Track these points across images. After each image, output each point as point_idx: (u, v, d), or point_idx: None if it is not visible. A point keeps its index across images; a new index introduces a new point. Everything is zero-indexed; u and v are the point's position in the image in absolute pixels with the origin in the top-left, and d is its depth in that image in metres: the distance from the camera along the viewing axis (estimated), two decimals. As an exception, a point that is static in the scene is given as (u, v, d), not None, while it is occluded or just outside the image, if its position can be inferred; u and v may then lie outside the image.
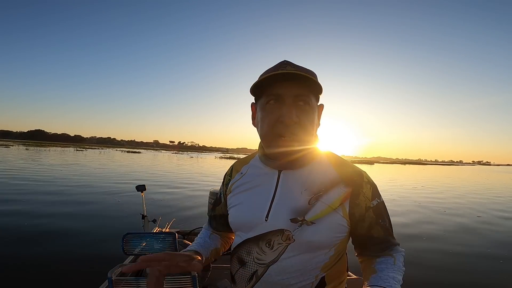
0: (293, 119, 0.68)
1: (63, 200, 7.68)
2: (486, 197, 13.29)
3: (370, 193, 0.74)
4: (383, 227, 0.75)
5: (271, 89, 0.71)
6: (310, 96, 0.71)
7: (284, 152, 0.73)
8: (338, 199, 0.71)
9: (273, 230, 0.72)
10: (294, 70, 0.69)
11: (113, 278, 1.65)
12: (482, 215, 8.79)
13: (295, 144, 0.71)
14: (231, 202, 0.84)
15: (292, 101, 0.70)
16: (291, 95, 0.69)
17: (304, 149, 0.73)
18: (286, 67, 0.70)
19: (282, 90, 0.70)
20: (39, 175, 12.88)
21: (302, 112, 0.70)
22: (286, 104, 0.69)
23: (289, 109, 0.69)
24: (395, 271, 0.71)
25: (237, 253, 0.78)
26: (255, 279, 0.74)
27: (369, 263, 0.77)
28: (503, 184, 22.85)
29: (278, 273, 0.71)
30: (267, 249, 0.72)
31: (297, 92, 0.69)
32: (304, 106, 0.70)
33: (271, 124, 0.71)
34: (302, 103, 0.70)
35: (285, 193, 0.74)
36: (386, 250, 0.76)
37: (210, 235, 0.94)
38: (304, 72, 0.70)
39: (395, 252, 0.77)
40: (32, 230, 5.02)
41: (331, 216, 0.71)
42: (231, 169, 0.91)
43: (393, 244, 0.77)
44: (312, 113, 0.72)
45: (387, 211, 0.79)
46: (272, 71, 0.71)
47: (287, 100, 0.69)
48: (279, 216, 0.72)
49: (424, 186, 17.94)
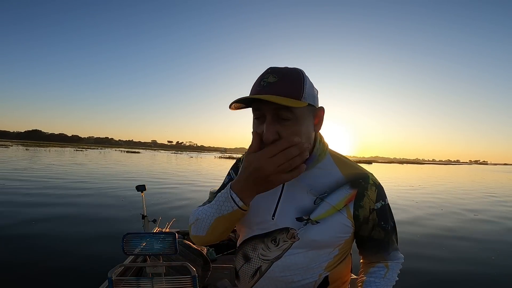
0: (270, 137, 0.67)
1: (63, 200, 7.67)
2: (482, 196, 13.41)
3: (375, 195, 0.75)
4: (385, 229, 0.77)
5: (254, 104, 0.71)
6: (290, 109, 0.68)
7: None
8: (342, 200, 0.73)
9: (279, 228, 0.73)
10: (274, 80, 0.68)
11: (113, 278, 1.65)
12: (478, 213, 8.89)
13: None
14: None
15: (272, 116, 0.68)
16: (270, 111, 0.68)
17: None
18: (269, 77, 0.69)
19: (262, 106, 0.69)
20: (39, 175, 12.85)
21: (283, 127, 0.68)
22: (266, 121, 0.69)
23: (267, 127, 0.68)
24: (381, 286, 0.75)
25: (243, 249, 0.80)
26: (258, 275, 0.75)
27: (363, 270, 0.81)
28: (499, 183, 22.98)
29: (281, 269, 0.72)
30: (273, 246, 0.73)
31: (276, 108, 0.68)
32: (285, 122, 0.68)
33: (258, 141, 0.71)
34: (284, 118, 0.68)
35: (291, 193, 0.75)
36: (383, 253, 0.78)
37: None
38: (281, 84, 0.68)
39: (392, 258, 0.79)
40: (32, 230, 5.01)
41: (336, 217, 0.72)
42: (236, 165, 0.90)
43: (391, 248, 0.78)
44: (297, 125, 0.69)
45: (391, 214, 0.79)
46: (257, 82, 0.71)
47: (267, 116, 0.69)
48: (285, 215, 0.74)
49: (421, 185, 18.06)
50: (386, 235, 0.77)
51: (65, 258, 3.89)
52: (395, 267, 0.79)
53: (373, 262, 0.80)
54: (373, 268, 0.78)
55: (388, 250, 0.78)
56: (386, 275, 0.77)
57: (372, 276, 0.78)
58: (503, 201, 12.01)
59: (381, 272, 0.77)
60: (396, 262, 0.79)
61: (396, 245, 0.80)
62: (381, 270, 0.77)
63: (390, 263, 0.78)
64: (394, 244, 0.79)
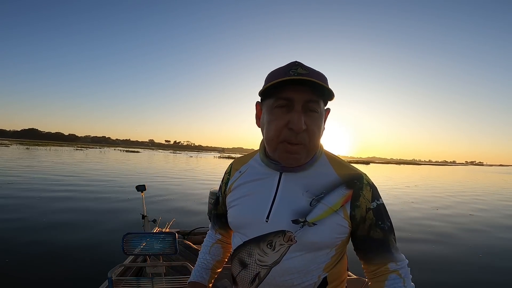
0: (302, 127, 0.67)
1: (63, 200, 7.64)
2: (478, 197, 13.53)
3: (370, 194, 0.74)
4: (383, 229, 0.75)
5: (280, 92, 0.69)
6: (320, 103, 0.70)
7: (290, 158, 0.72)
8: (339, 201, 0.72)
9: (274, 231, 0.71)
10: (306, 72, 0.68)
11: (113, 278, 1.65)
12: (473, 213, 8.98)
13: (302, 151, 0.70)
14: (230, 202, 0.83)
15: (302, 107, 0.68)
16: (302, 100, 0.68)
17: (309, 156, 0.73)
18: (298, 69, 0.68)
19: (292, 94, 0.68)
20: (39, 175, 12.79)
21: (311, 119, 0.69)
22: (295, 110, 0.68)
23: (298, 116, 0.67)
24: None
25: (238, 255, 0.78)
26: (257, 281, 0.73)
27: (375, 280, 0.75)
28: (495, 185, 23.18)
29: (281, 274, 0.71)
30: (269, 250, 0.71)
31: (308, 98, 0.68)
32: (313, 113, 0.69)
33: (279, 129, 0.69)
34: (312, 110, 0.69)
35: (286, 194, 0.74)
36: (386, 253, 0.74)
37: (211, 248, 0.95)
38: (316, 77, 0.68)
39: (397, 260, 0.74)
40: (31, 231, 4.99)
41: (332, 218, 0.71)
42: (230, 167, 0.90)
43: (393, 249, 0.75)
44: (320, 119, 0.71)
45: (387, 213, 0.78)
46: (283, 71, 0.70)
47: (296, 106, 0.68)
48: (280, 217, 0.72)
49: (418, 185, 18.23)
50: (385, 235, 0.74)
51: (65, 258, 3.88)
52: (407, 273, 0.74)
53: (378, 264, 0.75)
54: (388, 281, 0.73)
55: (391, 250, 0.75)
56: (405, 284, 0.72)
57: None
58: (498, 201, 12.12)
59: (399, 285, 0.72)
60: (404, 267, 0.75)
61: (396, 245, 0.77)
62: (397, 282, 0.72)
63: (401, 271, 0.74)
64: (394, 244, 0.76)
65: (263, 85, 0.73)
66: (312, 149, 0.72)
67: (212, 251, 0.95)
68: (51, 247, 4.26)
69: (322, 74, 0.71)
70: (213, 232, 0.98)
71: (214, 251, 0.95)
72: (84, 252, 4.13)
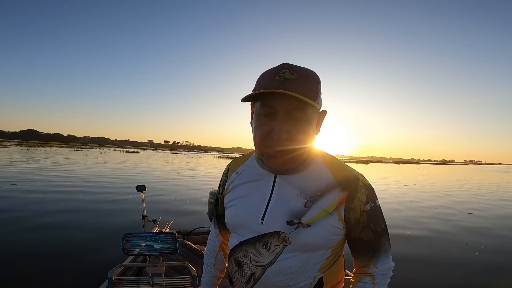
0: (283, 136, 0.67)
1: (63, 200, 7.64)
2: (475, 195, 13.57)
3: (364, 197, 0.73)
4: (374, 231, 0.74)
5: (266, 99, 0.68)
6: (304, 110, 0.67)
7: (275, 164, 0.73)
8: (333, 203, 0.71)
9: (270, 232, 0.72)
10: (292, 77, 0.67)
11: (113, 278, 1.65)
12: (473, 212, 9.02)
13: (285, 156, 0.71)
14: (227, 203, 0.83)
15: (285, 115, 0.68)
16: (285, 109, 0.67)
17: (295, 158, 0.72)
18: (285, 73, 0.67)
19: (275, 102, 0.67)
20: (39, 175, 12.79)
21: (295, 127, 0.68)
22: (278, 119, 0.68)
23: (280, 125, 0.67)
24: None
25: (234, 255, 0.78)
26: (253, 281, 0.74)
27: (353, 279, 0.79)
28: (493, 183, 23.25)
29: (276, 274, 0.71)
30: (264, 250, 0.72)
31: (291, 107, 0.67)
32: (296, 122, 0.68)
33: (263, 137, 0.70)
34: (296, 118, 0.68)
35: (281, 196, 0.74)
36: (371, 256, 0.75)
37: (216, 258, 0.96)
38: (302, 82, 0.67)
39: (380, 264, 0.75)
40: (31, 231, 4.98)
41: (327, 219, 0.71)
42: (227, 168, 0.90)
43: (382, 252, 0.75)
44: (307, 126, 0.70)
45: (382, 215, 0.77)
46: (270, 76, 0.69)
47: (279, 114, 0.67)
48: (274, 219, 0.72)
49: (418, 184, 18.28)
50: (375, 237, 0.74)
51: (65, 258, 3.88)
52: (383, 281, 0.75)
53: (361, 264, 0.78)
54: (359, 283, 0.76)
55: (378, 254, 0.75)
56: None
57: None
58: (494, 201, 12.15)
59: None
60: (384, 275, 0.75)
61: (388, 249, 0.76)
62: (367, 286, 0.74)
63: (378, 276, 0.75)
64: (385, 247, 0.75)
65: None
66: (299, 155, 0.72)
67: (217, 261, 0.96)
68: (51, 247, 4.26)
69: (311, 76, 0.70)
70: (215, 234, 0.97)
71: (218, 260, 0.96)
72: (84, 252, 4.13)
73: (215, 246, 0.97)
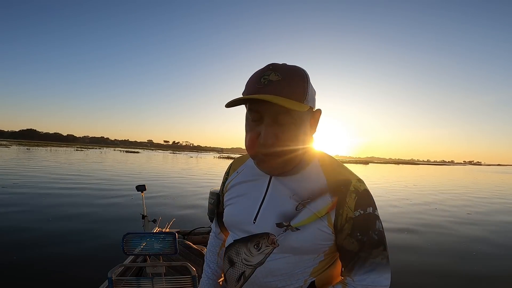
0: (269, 141, 0.67)
1: (63, 200, 7.63)
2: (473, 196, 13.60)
3: (353, 203, 0.68)
4: (360, 241, 0.68)
5: (251, 104, 0.68)
6: (291, 113, 0.67)
7: (265, 167, 0.73)
8: (324, 208, 0.69)
9: (261, 233, 0.72)
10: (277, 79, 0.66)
11: (113, 278, 1.65)
12: (471, 212, 9.07)
13: (275, 161, 0.70)
14: (226, 201, 0.84)
15: (272, 119, 0.67)
16: (271, 114, 0.67)
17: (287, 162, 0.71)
18: (270, 74, 0.66)
19: (261, 108, 0.67)
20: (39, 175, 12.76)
21: (282, 131, 0.68)
22: (264, 123, 0.68)
23: (266, 130, 0.67)
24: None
25: (228, 253, 0.79)
26: (243, 280, 0.74)
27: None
28: (493, 184, 23.30)
29: (264, 275, 0.71)
30: (255, 250, 0.72)
31: (277, 110, 0.66)
32: (283, 126, 0.67)
33: (252, 141, 0.70)
34: (282, 122, 0.67)
35: (274, 197, 0.73)
36: (353, 269, 0.68)
37: (219, 253, 0.95)
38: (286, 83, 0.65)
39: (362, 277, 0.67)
40: (31, 231, 4.98)
41: (316, 224, 0.69)
42: (229, 167, 0.91)
43: (368, 266, 0.67)
44: (296, 129, 0.69)
45: (375, 226, 0.69)
46: (255, 78, 0.68)
47: (266, 119, 0.67)
48: (266, 220, 0.72)
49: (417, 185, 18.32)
50: (360, 248, 0.67)
51: (65, 258, 3.87)
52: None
53: (342, 275, 0.73)
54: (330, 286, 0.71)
55: (361, 267, 0.67)
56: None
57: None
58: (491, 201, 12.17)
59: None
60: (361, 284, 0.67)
61: (379, 265, 0.67)
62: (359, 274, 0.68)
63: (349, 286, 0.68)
64: (372, 261, 0.67)
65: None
66: (290, 159, 0.71)
67: (220, 258, 0.94)
68: (51, 246, 4.25)
69: (297, 74, 0.68)
70: (216, 233, 0.97)
71: (221, 257, 0.94)
72: (84, 252, 4.12)
73: (217, 244, 0.97)
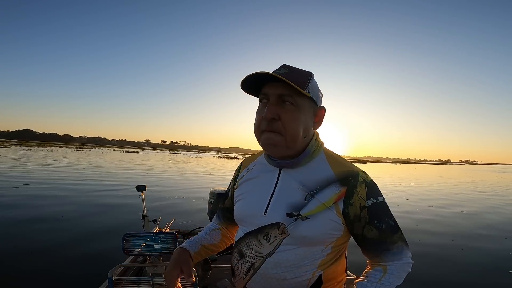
0: (270, 115, 0.73)
1: (63, 200, 7.61)
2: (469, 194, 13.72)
3: (364, 192, 0.74)
4: (379, 228, 0.74)
5: (262, 89, 0.78)
6: (293, 96, 0.74)
7: (269, 146, 0.77)
8: (332, 197, 0.73)
9: (271, 224, 0.75)
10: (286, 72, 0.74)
11: (113, 278, 1.64)
12: (465, 210, 9.19)
13: (279, 140, 0.74)
14: (236, 196, 0.89)
15: (276, 100, 0.74)
16: (275, 94, 0.74)
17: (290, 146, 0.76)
18: (281, 70, 0.75)
19: (268, 89, 0.76)
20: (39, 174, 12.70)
21: (284, 111, 0.74)
22: (270, 102, 0.75)
23: (269, 107, 0.74)
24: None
25: (238, 246, 0.82)
26: (252, 271, 0.76)
27: (364, 272, 0.79)
28: (488, 183, 23.48)
29: (273, 266, 0.73)
30: (265, 241, 0.75)
31: (280, 92, 0.74)
32: (287, 106, 0.74)
33: (258, 120, 0.77)
34: (286, 101, 0.74)
35: (283, 189, 0.78)
36: (381, 254, 0.75)
37: (211, 232, 0.98)
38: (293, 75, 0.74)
39: (393, 259, 0.75)
40: (31, 231, 4.96)
41: (325, 213, 0.73)
42: (240, 165, 0.96)
43: (394, 249, 0.75)
44: (297, 112, 0.74)
45: (388, 212, 0.77)
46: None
47: (271, 99, 0.75)
48: (276, 211, 0.75)
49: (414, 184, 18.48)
50: (382, 234, 0.74)
51: (65, 258, 3.87)
52: (396, 270, 0.74)
53: (373, 264, 0.78)
54: (370, 271, 0.76)
55: (389, 251, 0.74)
56: (381, 280, 0.73)
57: (366, 278, 0.75)
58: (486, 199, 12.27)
59: (376, 276, 0.74)
60: (397, 266, 0.74)
61: (401, 247, 0.76)
62: (377, 273, 0.74)
63: (390, 266, 0.74)
64: (397, 244, 0.75)
65: None
66: (291, 139, 0.75)
67: (212, 234, 0.97)
68: (51, 246, 4.24)
69: (303, 72, 0.78)
70: (216, 223, 1.01)
71: (213, 234, 0.97)
72: (84, 252, 4.12)
73: (214, 226, 1.00)
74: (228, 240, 0.98)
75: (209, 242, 0.94)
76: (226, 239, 0.98)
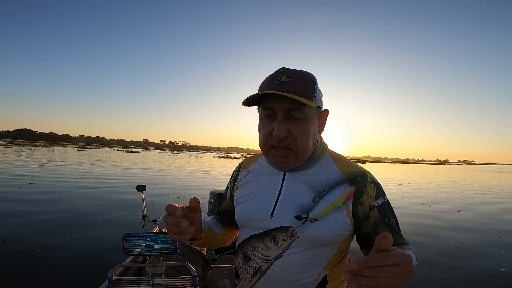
0: (282, 135, 0.70)
1: (62, 200, 7.61)
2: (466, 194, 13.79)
3: (374, 192, 0.75)
4: (389, 226, 0.75)
5: (265, 102, 0.73)
6: (302, 109, 0.71)
7: (278, 162, 0.75)
8: (341, 197, 0.73)
9: (278, 227, 0.74)
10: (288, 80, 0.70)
11: (113, 278, 1.65)
12: (463, 209, 9.25)
13: (290, 156, 0.73)
14: (237, 199, 0.86)
15: (284, 115, 0.71)
16: (283, 110, 0.71)
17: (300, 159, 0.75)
18: (282, 76, 0.71)
19: (274, 104, 0.71)
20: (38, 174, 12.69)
21: (294, 126, 0.71)
22: (278, 118, 0.71)
23: (279, 125, 0.70)
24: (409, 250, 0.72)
25: (242, 249, 0.80)
26: (259, 275, 0.75)
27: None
28: (485, 183, 23.56)
29: (282, 268, 0.73)
30: (272, 245, 0.74)
31: (289, 107, 0.70)
32: (296, 121, 0.71)
33: (266, 137, 0.73)
34: (294, 117, 0.71)
35: (290, 191, 0.76)
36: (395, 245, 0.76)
37: (215, 222, 0.93)
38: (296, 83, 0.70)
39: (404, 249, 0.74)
40: (31, 231, 4.96)
41: (334, 214, 0.72)
42: (239, 166, 0.93)
43: (400, 243, 0.76)
44: (306, 125, 0.72)
45: (393, 210, 0.79)
46: (268, 81, 0.73)
47: (279, 115, 0.71)
48: (283, 214, 0.74)
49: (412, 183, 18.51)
50: (392, 231, 0.75)
51: (65, 258, 3.87)
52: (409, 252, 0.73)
53: None
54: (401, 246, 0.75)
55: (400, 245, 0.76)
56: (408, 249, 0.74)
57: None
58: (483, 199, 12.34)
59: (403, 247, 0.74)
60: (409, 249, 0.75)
61: (404, 239, 0.78)
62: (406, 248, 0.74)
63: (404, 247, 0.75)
64: (402, 238, 0.77)
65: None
66: (301, 153, 0.74)
67: (217, 224, 0.92)
68: (51, 247, 4.24)
69: (306, 76, 0.73)
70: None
71: (218, 225, 0.92)
72: (84, 252, 4.11)
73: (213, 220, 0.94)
74: (229, 238, 0.96)
75: (215, 229, 0.89)
76: (227, 237, 0.96)
